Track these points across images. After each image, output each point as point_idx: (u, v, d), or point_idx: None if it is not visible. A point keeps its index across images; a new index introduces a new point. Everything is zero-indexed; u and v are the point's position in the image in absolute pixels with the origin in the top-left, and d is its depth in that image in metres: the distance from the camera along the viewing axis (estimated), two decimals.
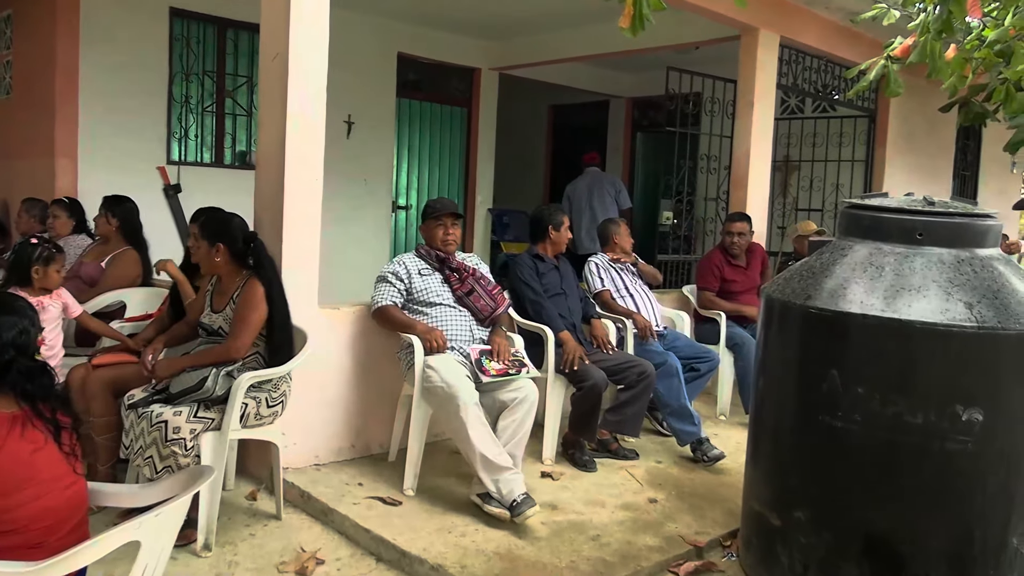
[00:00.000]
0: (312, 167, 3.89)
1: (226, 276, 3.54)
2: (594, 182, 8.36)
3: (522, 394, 3.79)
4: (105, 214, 4.87)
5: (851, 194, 8.21)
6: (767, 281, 6.03)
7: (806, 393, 3.14)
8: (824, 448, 3.05)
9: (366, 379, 4.23)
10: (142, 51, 6.37)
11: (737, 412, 5.53)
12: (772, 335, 3.42)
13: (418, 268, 4.14)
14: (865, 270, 3.09)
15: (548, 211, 4.81)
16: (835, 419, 3.00)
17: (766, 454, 3.39)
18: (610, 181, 8.42)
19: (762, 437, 3.47)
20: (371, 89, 7.81)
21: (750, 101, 6.35)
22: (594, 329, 4.71)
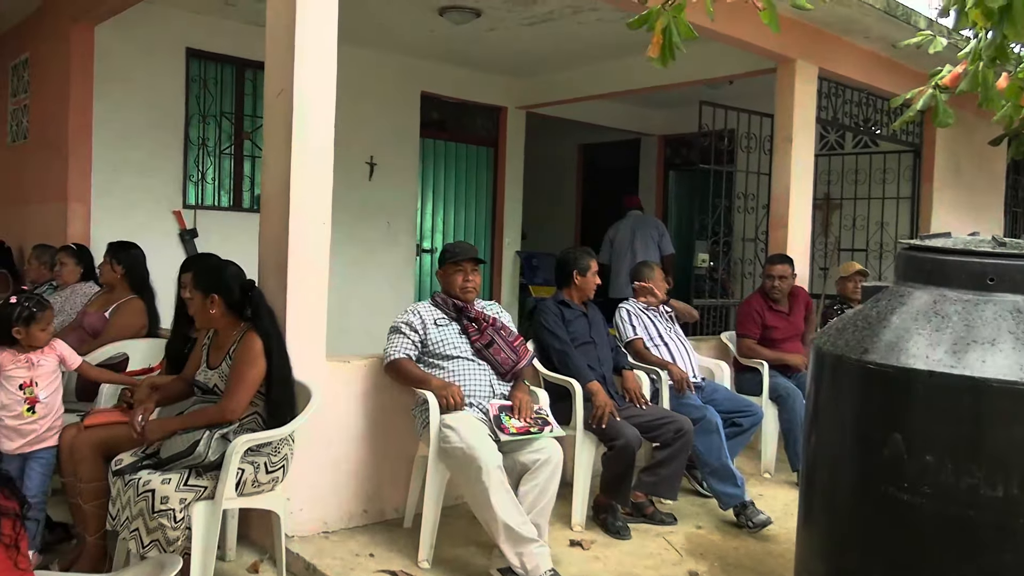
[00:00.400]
0: (320, 209, 3.63)
1: (223, 329, 3.27)
2: (637, 225, 8.25)
3: (544, 455, 3.46)
4: (110, 261, 4.64)
5: (896, 233, 7.84)
6: (811, 327, 5.69)
7: (865, 458, 2.77)
8: (888, 523, 2.68)
9: (380, 438, 3.92)
10: (158, 92, 6.23)
11: (783, 469, 5.13)
12: (824, 391, 3.07)
13: (434, 318, 3.84)
14: (929, 320, 2.73)
15: (574, 255, 4.50)
16: (900, 490, 2.62)
17: (820, 525, 3.02)
18: (654, 225, 8.30)
19: (815, 504, 3.10)
20: (394, 129, 7.61)
21: (788, 136, 6.03)
22: (626, 381, 4.38)
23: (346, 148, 7.27)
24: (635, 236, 8.08)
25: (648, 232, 8.04)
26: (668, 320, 4.99)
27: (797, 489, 4.96)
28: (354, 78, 7.22)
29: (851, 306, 5.91)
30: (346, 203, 7.21)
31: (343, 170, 7.22)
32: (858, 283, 5.84)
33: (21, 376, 3.22)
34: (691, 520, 4.29)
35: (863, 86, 6.68)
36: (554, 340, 4.23)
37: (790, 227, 6.05)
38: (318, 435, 3.66)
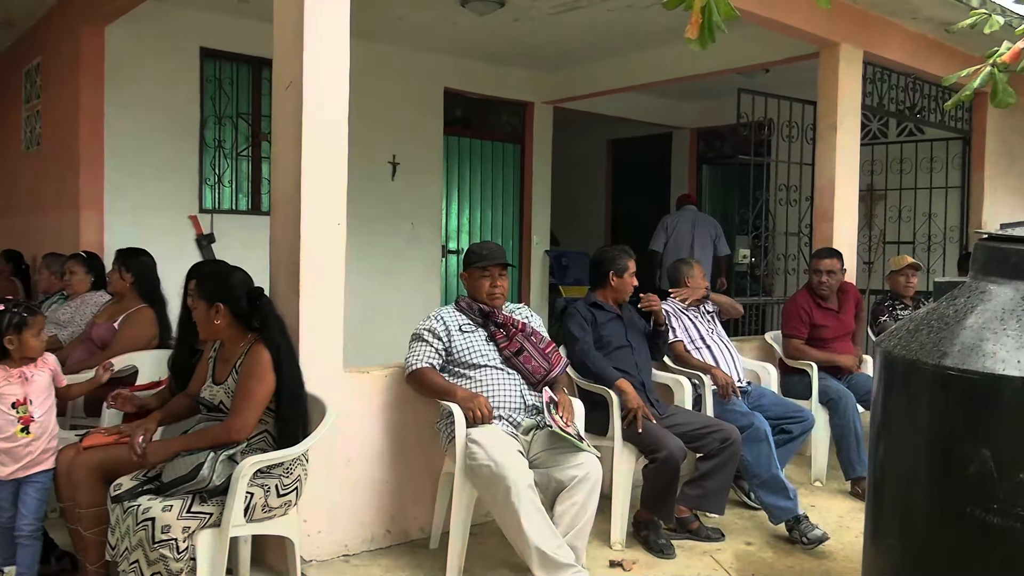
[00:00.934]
0: (334, 209, 3.36)
1: (229, 341, 3.01)
2: (697, 220, 8.05)
3: (583, 471, 3.17)
4: (118, 268, 4.40)
5: (945, 224, 7.45)
6: (862, 325, 5.34)
7: (947, 475, 2.46)
8: (975, 548, 2.37)
9: (403, 453, 3.65)
10: (172, 94, 6.02)
11: (835, 477, 4.80)
12: (895, 399, 2.76)
13: (459, 324, 3.56)
14: (1019, 319, 2.42)
15: (611, 254, 4.19)
16: (990, 512, 2.31)
17: (893, 547, 2.70)
18: (712, 224, 8.08)
19: (886, 523, 2.79)
20: (417, 127, 7.36)
21: (832, 124, 5.68)
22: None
23: (367, 147, 7.10)
24: (695, 231, 7.85)
25: (707, 230, 7.84)
26: (710, 320, 4.67)
27: (851, 499, 4.68)
28: (374, 75, 7.01)
29: (903, 302, 5.56)
30: (367, 204, 7.01)
31: (364, 170, 7.08)
32: (910, 277, 5.49)
33: (14, 394, 2.98)
34: (739, 535, 3.98)
35: (910, 70, 6.31)
36: (572, 342, 3.93)
37: (836, 220, 5.70)
38: (336, 452, 3.41)
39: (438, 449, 3.52)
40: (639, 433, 3.69)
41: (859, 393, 4.80)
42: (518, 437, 3.30)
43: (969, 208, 7.36)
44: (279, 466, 2.88)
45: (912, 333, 2.67)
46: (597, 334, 3.98)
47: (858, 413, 4.68)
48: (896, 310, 5.53)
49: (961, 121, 7.19)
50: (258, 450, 2.89)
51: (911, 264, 5.47)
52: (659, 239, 8.07)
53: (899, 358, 2.63)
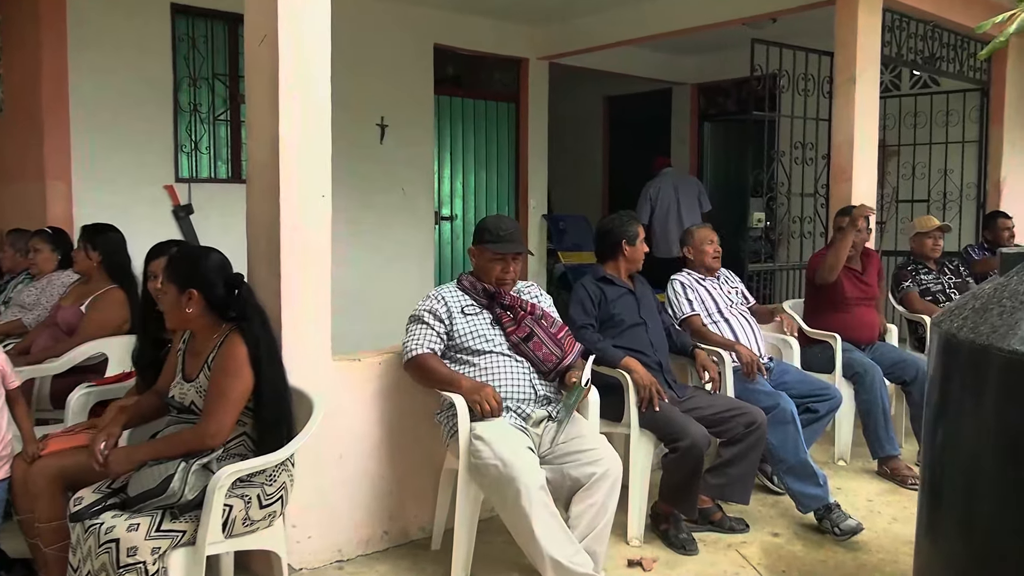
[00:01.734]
0: (317, 179, 3.00)
1: (200, 332, 2.66)
2: (678, 183, 8.15)
3: (601, 468, 2.85)
4: (84, 246, 4.03)
5: (962, 181, 7.10)
6: (882, 292, 5.02)
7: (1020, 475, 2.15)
8: None
9: (400, 447, 3.33)
10: (142, 55, 5.58)
11: (860, 455, 4.51)
12: (957, 385, 2.42)
13: (461, 305, 3.21)
14: None
15: (619, 221, 3.82)
16: None
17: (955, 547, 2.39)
18: (694, 183, 8.26)
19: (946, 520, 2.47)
20: (405, 87, 6.92)
21: (851, 76, 5.31)
22: (701, 360, 3.76)
23: (353, 109, 6.67)
24: (678, 194, 7.94)
25: (690, 190, 7.95)
26: (729, 290, 4.33)
27: (880, 480, 4.37)
28: (358, 31, 6.55)
29: (926, 266, 5.24)
30: (355, 170, 6.61)
31: (350, 134, 6.66)
32: (938, 240, 5.15)
33: None
34: (765, 526, 3.69)
35: (930, 17, 5.92)
36: (572, 327, 3.58)
37: (855, 179, 5.35)
38: (327, 449, 3.08)
39: (439, 441, 3.19)
40: (657, 419, 3.37)
41: (885, 365, 4.49)
42: (528, 431, 2.97)
43: (987, 163, 7.01)
44: (261, 474, 2.55)
45: (980, 313, 2.33)
46: (607, 312, 3.63)
47: (885, 387, 4.38)
48: (920, 275, 5.21)
49: (979, 71, 6.81)
50: (236, 456, 2.56)
51: (941, 227, 5.14)
52: (644, 210, 8.01)
53: (966, 342, 2.29)
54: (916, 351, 5.13)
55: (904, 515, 3.81)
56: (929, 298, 5.15)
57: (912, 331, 5.31)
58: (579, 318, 3.61)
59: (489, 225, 3.22)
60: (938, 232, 5.12)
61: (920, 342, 5.20)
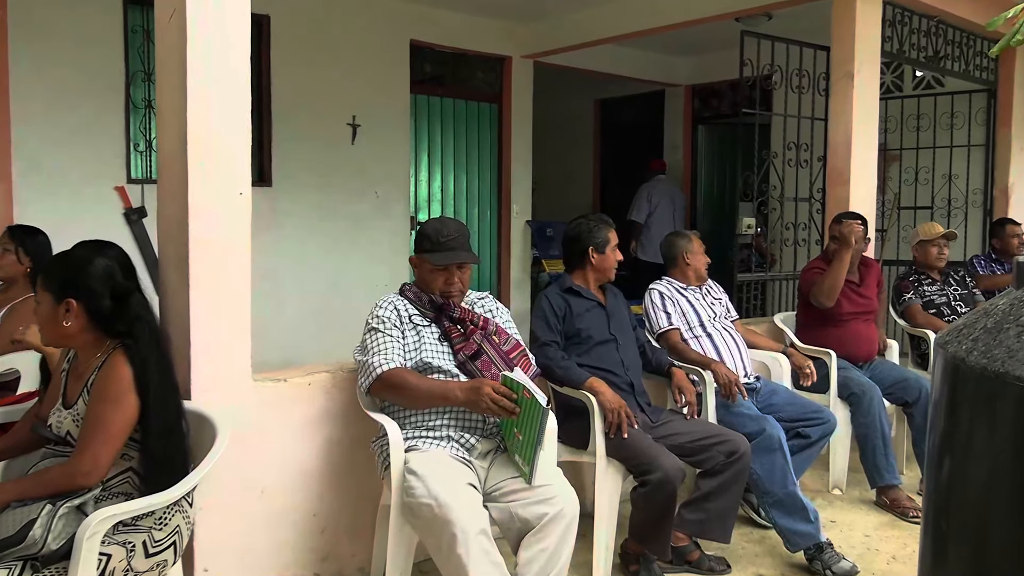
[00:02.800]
0: (235, 174, 2.63)
1: (82, 350, 2.28)
2: (673, 191, 8.26)
3: (555, 507, 2.46)
4: (15, 249, 3.66)
5: (968, 186, 6.73)
6: (883, 305, 4.63)
7: None
8: None
9: (335, 479, 2.95)
10: (91, 48, 5.23)
11: (857, 482, 4.13)
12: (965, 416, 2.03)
13: (409, 314, 2.82)
14: None
15: (587, 226, 3.41)
16: None
17: None
18: (681, 194, 8.37)
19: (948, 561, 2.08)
20: (380, 85, 6.56)
21: (849, 72, 4.94)
22: (678, 380, 3.38)
23: (321, 108, 6.31)
24: (674, 203, 8.07)
25: (680, 201, 8.12)
26: (712, 302, 3.96)
27: (878, 512, 3.94)
28: (328, 25, 6.21)
29: (929, 276, 4.86)
30: (324, 171, 6.27)
31: (320, 133, 6.30)
32: (943, 248, 4.78)
33: None
34: (749, 566, 3.31)
35: (934, 11, 5.55)
36: (534, 344, 3.21)
37: (852, 183, 4.97)
38: (247, 482, 2.71)
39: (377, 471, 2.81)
40: (626, 447, 3.00)
41: (884, 385, 4.12)
42: (472, 464, 2.59)
43: (994, 168, 6.63)
44: (149, 516, 2.17)
45: (993, 333, 1.94)
46: (573, 327, 3.25)
47: (885, 409, 4.00)
48: (923, 286, 4.83)
49: (986, 71, 6.44)
50: (120, 496, 2.18)
51: (947, 234, 4.76)
52: (641, 209, 7.97)
53: (976, 367, 1.91)
54: (919, 368, 4.75)
55: (904, 553, 3.43)
56: (933, 311, 4.77)
57: (914, 347, 4.93)
58: (542, 334, 3.24)
59: (429, 231, 2.82)
60: (943, 240, 4.75)
61: (923, 359, 4.82)
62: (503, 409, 2.44)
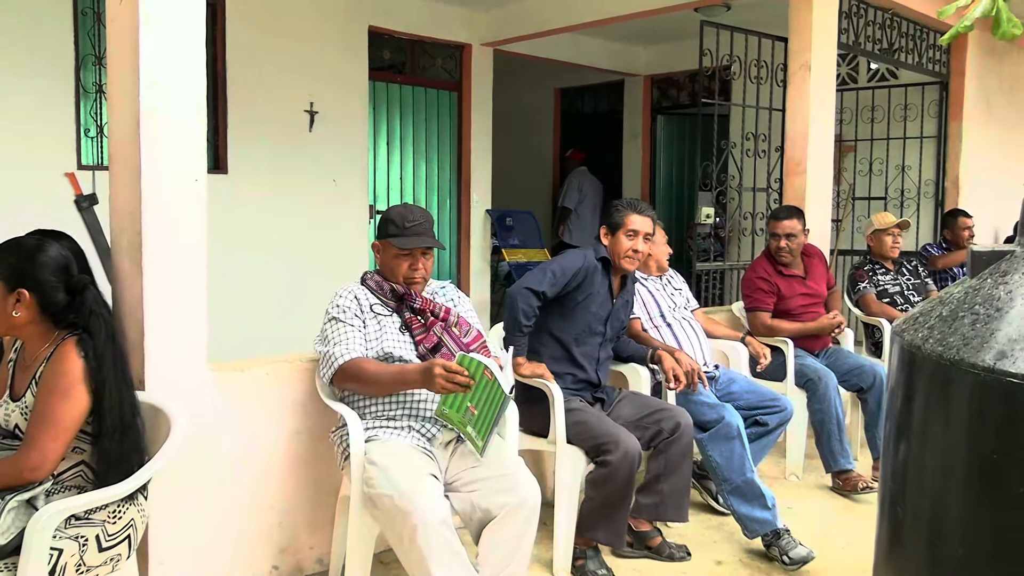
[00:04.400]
0: (189, 160, 2.57)
1: (30, 341, 2.22)
2: (594, 181, 8.67)
3: (516, 496, 2.45)
4: None
5: (920, 177, 6.85)
6: (836, 294, 4.69)
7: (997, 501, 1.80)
8: None
9: (294, 470, 2.91)
10: (39, 30, 5.07)
11: (813, 468, 4.19)
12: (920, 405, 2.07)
13: (370, 303, 2.79)
14: None
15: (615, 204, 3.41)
16: None
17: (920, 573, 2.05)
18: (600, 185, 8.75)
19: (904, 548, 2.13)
20: (337, 72, 6.47)
21: (806, 63, 4.99)
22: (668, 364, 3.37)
23: (278, 94, 6.20)
24: (597, 192, 8.53)
25: (600, 189, 8.54)
26: (672, 292, 3.98)
27: (834, 496, 4.04)
28: (288, 13, 6.12)
29: (883, 266, 4.94)
30: (281, 159, 6.17)
31: (276, 120, 6.19)
32: (897, 237, 4.85)
33: None
34: (707, 552, 3.34)
35: (889, 4, 5.63)
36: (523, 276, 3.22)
37: (809, 173, 5.03)
38: (203, 474, 2.66)
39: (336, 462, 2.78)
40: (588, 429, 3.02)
41: (840, 372, 4.18)
42: (432, 454, 2.57)
43: (946, 160, 6.76)
44: (102, 510, 2.12)
45: (948, 321, 1.97)
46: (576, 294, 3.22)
47: (840, 396, 4.05)
48: (877, 275, 4.91)
49: (939, 64, 6.55)
50: (73, 489, 2.14)
51: (900, 223, 4.84)
52: (572, 197, 8.45)
53: (932, 355, 1.94)
54: (873, 356, 4.83)
55: (859, 539, 3.48)
56: (887, 300, 4.85)
57: (869, 335, 5.01)
58: (537, 279, 3.17)
59: (394, 216, 2.80)
60: (897, 229, 4.83)
61: (877, 347, 4.90)
62: (457, 386, 2.35)
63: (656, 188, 9.10)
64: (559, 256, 3.36)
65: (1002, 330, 1.83)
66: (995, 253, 2.13)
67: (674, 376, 3.33)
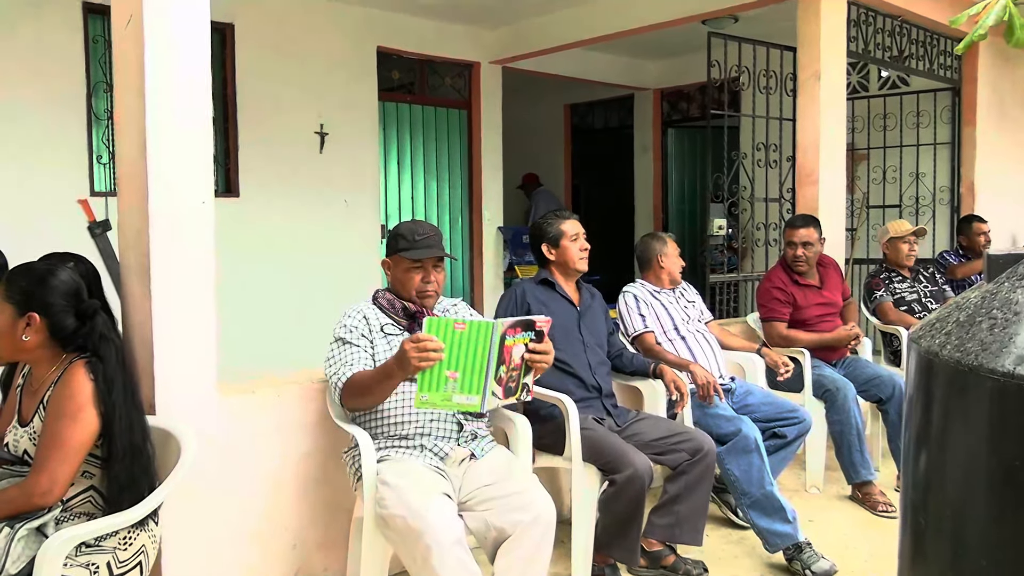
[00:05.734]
0: (196, 183, 2.57)
1: (37, 365, 2.21)
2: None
3: (530, 514, 2.42)
4: None
5: (935, 184, 6.79)
6: (852, 305, 4.63)
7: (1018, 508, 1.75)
8: None
9: (306, 491, 2.89)
10: (51, 58, 5.13)
11: (835, 480, 4.13)
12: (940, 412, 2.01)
13: (380, 324, 2.77)
14: None
15: (539, 224, 3.45)
16: None
17: None
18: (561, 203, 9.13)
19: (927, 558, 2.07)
20: (347, 92, 6.50)
21: (815, 72, 4.97)
22: (671, 376, 3.35)
23: (288, 116, 6.22)
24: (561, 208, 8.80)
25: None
26: (686, 305, 3.94)
27: (856, 508, 3.96)
28: (293, 34, 6.15)
29: (899, 274, 4.88)
30: (293, 180, 6.19)
31: (287, 141, 6.22)
32: (913, 245, 4.80)
33: None
34: (727, 568, 3.29)
35: (897, 11, 5.60)
36: None
37: (821, 182, 4.99)
38: (215, 498, 2.64)
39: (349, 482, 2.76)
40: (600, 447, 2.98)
41: (858, 382, 4.12)
42: (445, 473, 2.54)
43: (960, 165, 6.70)
44: (113, 536, 2.11)
45: (966, 327, 1.92)
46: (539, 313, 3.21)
47: (859, 407, 4.00)
48: (893, 283, 4.86)
49: (950, 70, 6.51)
50: (82, 516, 2.12)
51: (916, 230, 4.78)
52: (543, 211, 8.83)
53: (950, 361, 1.90)
54: (891, 366, 4.77)
55: (882, 551, 3.43)
56: (904, 308, 4.79)
57: (887, 344, 4.95)
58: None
59: (404, 231, 2.79)
60: (913, 236, 4.77)
61: (895, 355, 4.84)
62: (430, 353, 2.21)
63: (668, 201, 9.07)
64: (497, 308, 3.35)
65: (1021, 334, 1.78)
66: (1012, 256, 2.07)
67: (676, 389, 3.30)
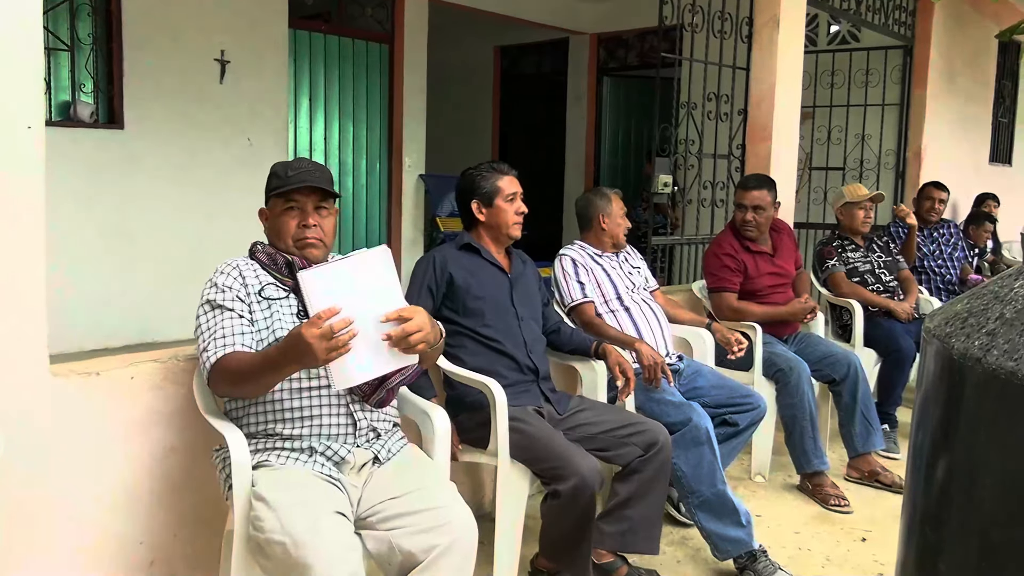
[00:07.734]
0: (18, 103, 1.95)
1: None
2: None
3: (447, 537, 1.91)
4: None
5: (882, 147, 6.49)
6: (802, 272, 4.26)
7: None
8: None
9: (169, 497, 2.33)
10: None
11: (782, 466, 3.77)
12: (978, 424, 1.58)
13: (261, 285, 2.20)
14: None
15: (471, 176, 2.83)
16: None
17: None
18: None
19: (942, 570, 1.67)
20: (253, 17, 5.78)
21: (774, 17, 4.53)
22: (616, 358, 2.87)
23: (184, 40, 5.40)
24: None
25: None
26: (629, 271, 3.48)
27: (807, 502, 3.55)
28: None
29: (853, 242, 4.53)
30: (185, 113, 5.48)
31: (180, 70, 5.44)
32: (869, 211, 4.44)
33: None
34: (671, 574, 2.87)
35: None
36: None
37: (775, 139, 4.59)
38: (45, 505, 2.07)
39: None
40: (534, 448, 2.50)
41: (810, 361, 3.74)
42: (341, 484, 2.01)
43: (908, 129, 6.41)
44: None
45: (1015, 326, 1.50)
46: (465, 291, 2.69)
47: (813, 389, 3.63)
48: (846, 251, 4.49)
49: (904, 27, 6.16)
50: None
51: (874, 196, 4.41)
52: None
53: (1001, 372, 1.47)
54: (840, 340, 4.41)
55: (839, 553, 3.07)
56: (856, 279, 4.44)
57: (835, 317, 4.59)
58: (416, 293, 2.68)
59: (277, 169, 2.21)
60: (870, 203, 4.40)
61: (844, 329, 4.48)
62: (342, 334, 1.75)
63: (601, 154, 8.62)
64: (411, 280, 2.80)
65: None
66: None
67: (622, 373, 2.84)
